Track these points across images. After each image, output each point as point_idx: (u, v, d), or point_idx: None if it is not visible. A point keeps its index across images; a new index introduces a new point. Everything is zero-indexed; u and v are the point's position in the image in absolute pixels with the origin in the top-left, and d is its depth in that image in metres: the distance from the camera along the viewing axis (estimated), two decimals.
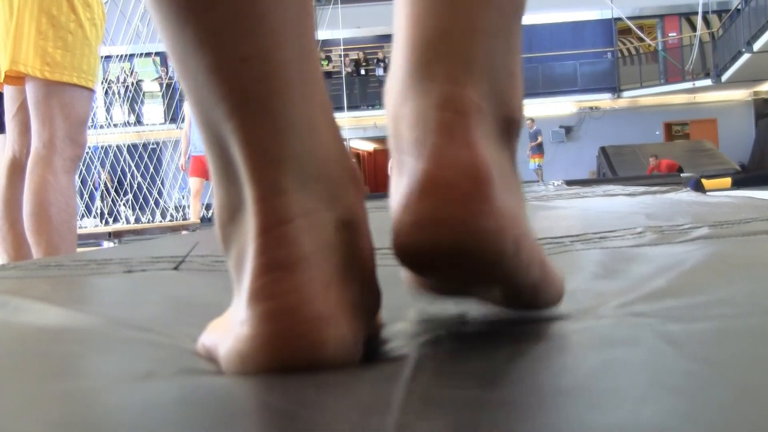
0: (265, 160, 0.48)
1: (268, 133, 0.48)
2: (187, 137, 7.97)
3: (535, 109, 17.73)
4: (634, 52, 21.15)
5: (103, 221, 11.62)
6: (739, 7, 17.36)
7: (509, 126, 0.55)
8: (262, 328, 0.46)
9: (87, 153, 2.67)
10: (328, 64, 20.67)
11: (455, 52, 0.51)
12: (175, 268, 1.08)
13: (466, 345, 0.51)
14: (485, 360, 0.47)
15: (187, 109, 8.24)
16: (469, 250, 0.48)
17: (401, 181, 0.51)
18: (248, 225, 0.49)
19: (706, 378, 0.39)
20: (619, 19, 19.64)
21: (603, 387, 0.38)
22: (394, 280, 0.57)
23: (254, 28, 0.47)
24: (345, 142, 0.54)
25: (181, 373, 0.49)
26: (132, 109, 16.75)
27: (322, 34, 18.37)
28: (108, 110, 14.25)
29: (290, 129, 0.48)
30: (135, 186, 12.46)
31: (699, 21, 18.67)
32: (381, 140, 19.19)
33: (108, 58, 13.63)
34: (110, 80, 14.30)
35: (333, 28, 17.58)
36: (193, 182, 7.87)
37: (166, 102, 17.70)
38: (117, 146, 12.67)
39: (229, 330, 0.49)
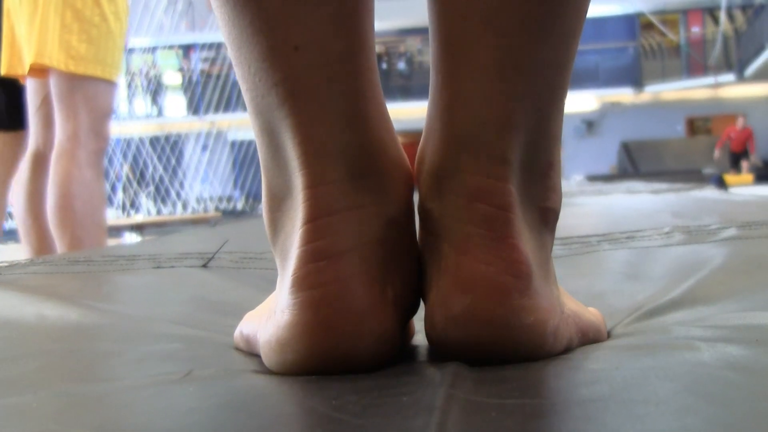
0: (314, 150, 0.48)
1: (319, 123, 0.48)
2: None
3: None
4: (656, 46, 21.03)
5: (125, 213, 11.65)
6: (764, 2, 17.22)
7: (547, 215, 0.53)
8: (302, 316, 0.47)
9: (109, 145, 2.68)
10: None
11: (491, 146, 0.49)
12: (204, 266, 1.08)
13: None
14: (522, 366, 0.47)
15: None
16: (508, 347, 0.48)
17: (435, 268, 0.51)
18: (295, 213, 0.49)
19: (747, 387, 0.39)
20: (642, 13, 19.52)
21: (641, 396, 0.38)
22: None
23: (308, 16, 0.46)
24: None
25: (220, 373, 0.49)
26: (154, 101, 16.82)
27: None
28: (130, 102, 14.30)
29: (341, 120, 0.48)
30: (157, 178, 12.51)
31: (722, 16, 18.55)
32: (402, 134, 19.19)
33: (131, 50, 13.67)
34: (133, 72, 14.35)
35: None
36: None
37: (188, 95, 17.72)
38: (139, 138, 12.72)
39: (270, 317, 0.50)
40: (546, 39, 0.48)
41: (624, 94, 20.37)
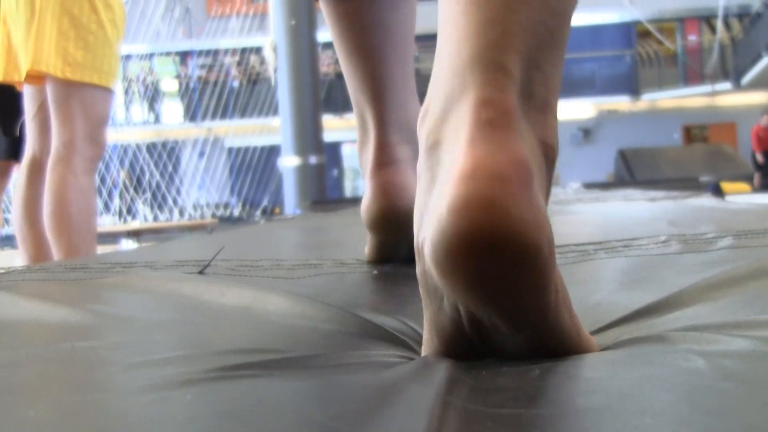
0: (383, 121, 1.12)
1: (385, 106, 1.12)
2: None
3: None
4: (653, 54, 21.04)
5: (122, 219, 11.65)
6: (760, 11, 17.25)
7: (546, 149, 0.54)
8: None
9: (106, 151, 2.69)
10: None
11: (495, 67, 0.51)
12: (200, 272, 1.08)
13: (499, 360, 0.51)
14: (518, 375, 0.47)
15: None
16: (509, 237, 0.46)
17: (436, 181, 0.51)
18: (369, 155, 1.13)
19: (743, 398, 0.39)
20: (639, 22, 19.55)
21: (638, 407, 0.38)
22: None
23: (373, 58, 1.15)
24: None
25: (218, 380, 0.49)
26: (151, 107, 16.82)
27: None
28: (127, 108, 14.30)
29: (397, 106, 1.10)
30: (153, 184, 12.52)
31: (719, 24, 18.58)
32: None
33: (128, 56, 13.67)
34: (130, 79, 14.35)
35: None
36: None
37: (185, 101, 17.68)
38: (136, 145, 12.72)
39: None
40: None
41: (621, 102, 20.42)
